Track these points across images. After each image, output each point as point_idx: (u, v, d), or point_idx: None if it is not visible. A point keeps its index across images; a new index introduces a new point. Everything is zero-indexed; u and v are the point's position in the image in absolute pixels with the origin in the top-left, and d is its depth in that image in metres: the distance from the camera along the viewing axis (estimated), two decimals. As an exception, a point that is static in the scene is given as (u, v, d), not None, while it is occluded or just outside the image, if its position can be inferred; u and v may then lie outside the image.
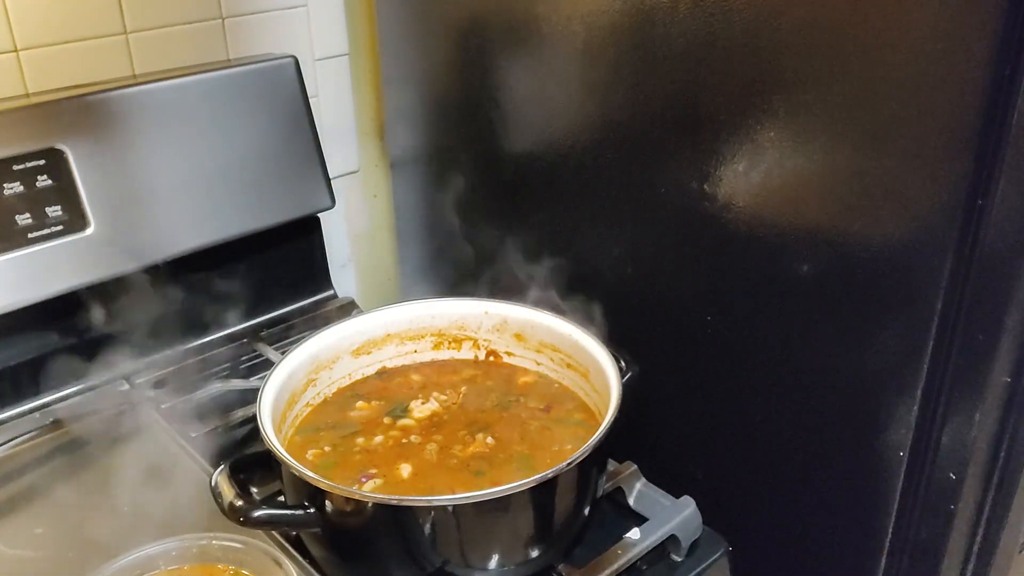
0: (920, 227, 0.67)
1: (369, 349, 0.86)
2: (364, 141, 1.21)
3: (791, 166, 0.73)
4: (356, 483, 0.72)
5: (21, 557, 0.73)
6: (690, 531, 0.77)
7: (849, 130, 0.69)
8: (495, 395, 0.83)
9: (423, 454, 0.75)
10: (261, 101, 0.99)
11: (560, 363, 0.84)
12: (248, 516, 0.64)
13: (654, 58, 0.80)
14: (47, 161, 0.86)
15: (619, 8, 0.81)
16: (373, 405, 0.82)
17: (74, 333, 0.92)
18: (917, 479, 0.75)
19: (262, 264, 1.05)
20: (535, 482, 0.64)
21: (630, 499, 0.81)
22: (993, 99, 0.61)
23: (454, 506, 0.64)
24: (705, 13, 0.75)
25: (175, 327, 1.00)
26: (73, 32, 0.92)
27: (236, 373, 1.01)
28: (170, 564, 0.67)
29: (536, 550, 0.69)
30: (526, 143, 0.97)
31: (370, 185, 1.24)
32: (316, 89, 1.12)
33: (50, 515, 0.77)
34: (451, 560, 0.66)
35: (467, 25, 0.99)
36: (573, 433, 0.77)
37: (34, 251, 0.86)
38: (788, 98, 0.72)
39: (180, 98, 0.94)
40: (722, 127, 0.77)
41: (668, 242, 0.85)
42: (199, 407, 0.94)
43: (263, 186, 1.00)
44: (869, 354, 0.73)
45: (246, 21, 1.04)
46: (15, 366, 0.89)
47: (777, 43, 0.71)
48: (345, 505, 0.65)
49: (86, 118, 0.88)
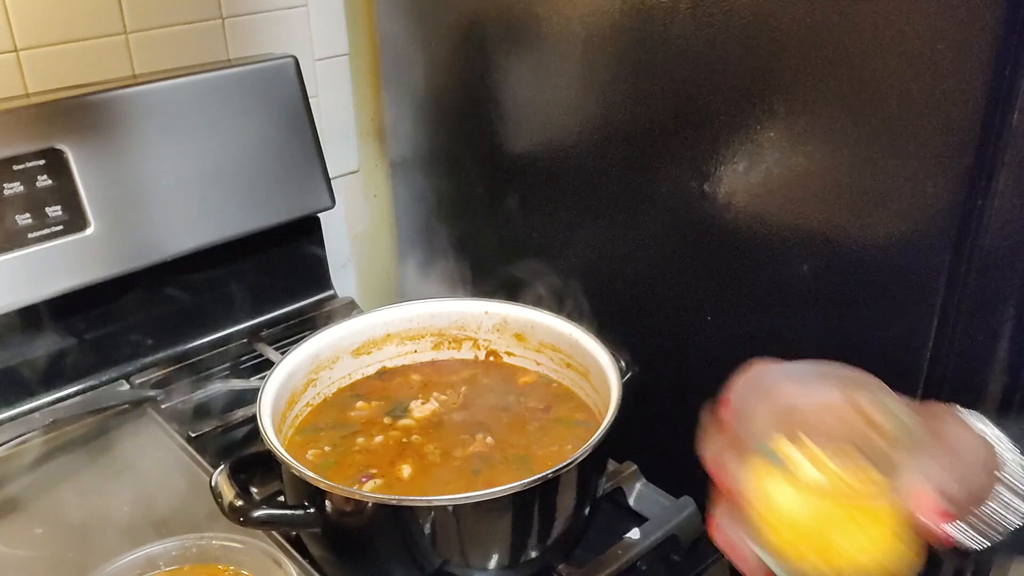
0: (920, 227, 0.67)
1: (369, 349, 0.86)
2: (364, 141, 1.21)
3: (791, 166, 0.73)
4: (356, 483, 0.72)
5: (21, 557, 0.73)
6: (690, 531, 0.77)
7: (849, 130, 0.69)
8: (495, 395, 0.83)
9: (423, 454, 0.75)
10: (261, 101, 0.99)
11: (560, 363, 0.84)
12: (248, 516, 0.64)
13: (654, 58, 0.80)
14: (47, 161, 0.86)
15: (619, 8, 0.81)
16: (373, 405, 0.82)
17: (74, 333, 0.92)
18: (917, 479, 0.75)
19: (262, 264, 1.05)
20: (535, 482, 0.64)
21: (630, 499, 0.81)
22: (993, 99, 0.61)
23: (454, 506, 0.64)
24: (705, 13, 0.75)
25: (175, 327, 1.00)
26: (73, 32, 0.92)
27: (236, 373, 1.01)
28: (170, 564, 0.67)
29: (536, 550, 0.69)
30: (526, 143, 0.97)
31: (370, 185, 1.24)
32: (316, 89, 1.12)
33: (50, 515, 0.77)
34: (451, 560, 0.66)
35: (467, 25, 0.99)
36: (573, 433, 0.77)
37: (34, 251, 0.86)
38: (788, 98, 0.72)
39: (180, 98, 0.94)
40: (722, 127, 0.77)
41: (668, 242, 0.85)
42: (199, 407, 0.94)
43: (263, 186, 1.00)
44: (869, 353, 0.73)
45: (246, 21, 1.04)
46: (15, 366, 0.89)
47: (777, 43, 0.71)
48: (345, 505, 0.65)
49: (86, 118, 0.88)
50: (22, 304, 0.86)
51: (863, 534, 0.46)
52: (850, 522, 0.46)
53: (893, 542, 0.46)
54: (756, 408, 0.50)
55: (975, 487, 0.48)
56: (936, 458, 0.47)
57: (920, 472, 0.46)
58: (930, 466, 0.46)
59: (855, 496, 0.46)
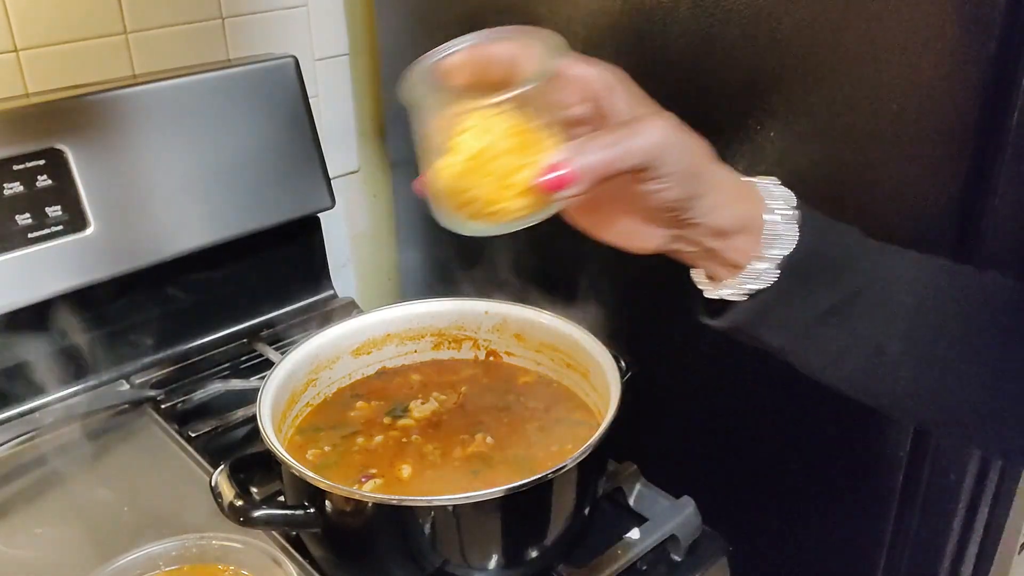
0: (920, 227, 0.67)
1: (369, 349, 0.86)
2: (364, 141, 1.21)
3: (791, 166, 0.73)
4: (356, 483, 0.72)
5: (21, 557, 0.73)
6: (690, 531, 0.77)
7: (849, 130, 0.69)
8: (495, 395, 0.83)
9: (423, 454, 0.75)
10: (261, 101, 0.99)
11: (560, 363, 0.83)
12: (248, 516, 0.64)
13: (654, 58, 0.80)
14: (47, 161, 0.86)
15: (619, 8, 0.81)
16: (373, 405, 0.82)
17: (74, 333, 0.92)
18: (917, 479, 0.75)
19: (262, 264, 1.05)
20: (535, 482, 0.64)
21: (630, 499, 0.81)
22: (993, 99, 0.61)
23: (454, 506, 0.64)
24: (705, 13, 0.75)
25: (175, 327, 1.00)
26: (73, 32, 0.92)
27: (236, 373, 1.01)
28: (170, 564, 0.67)
29: (536, 550, 0.69)
30: (526, 143, 0.96)
31: (370, 185, 1.24)
32: (316, 89, 1.12)
33: (50, 515, 0.77)
34: (451, 560, 0.66)
35: (467, 25, 0.98)
36: (573, 433, 0.77)
37: (34, 251, 0.86)
38: (788, 98, 0.72)
39: (180, 98, 0.94)
40: (722, 127, 0.76)
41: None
42: (199, 407, 0.94)
43: (263, 186, 1.00)
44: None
45: (246, 21, 1.04)
46: (15, 366, 0.89)
47: (777, 43, 0.71)
48: (345, 505, 0.65)
49: (86, 118, 0.88)
50: (22, 304, 0.86)
51: (498, 183, 0.51)
52: (487, 174, 0.51)
53: (514, 189, 0.51)
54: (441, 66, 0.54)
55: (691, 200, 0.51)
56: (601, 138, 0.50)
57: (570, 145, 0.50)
58: (590, 141, 0.50)
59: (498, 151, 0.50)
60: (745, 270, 0.53)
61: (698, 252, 0.55)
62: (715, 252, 0.54)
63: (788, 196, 0.54)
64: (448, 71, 0.53)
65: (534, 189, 0.50)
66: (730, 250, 0.53)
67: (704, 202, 0.52)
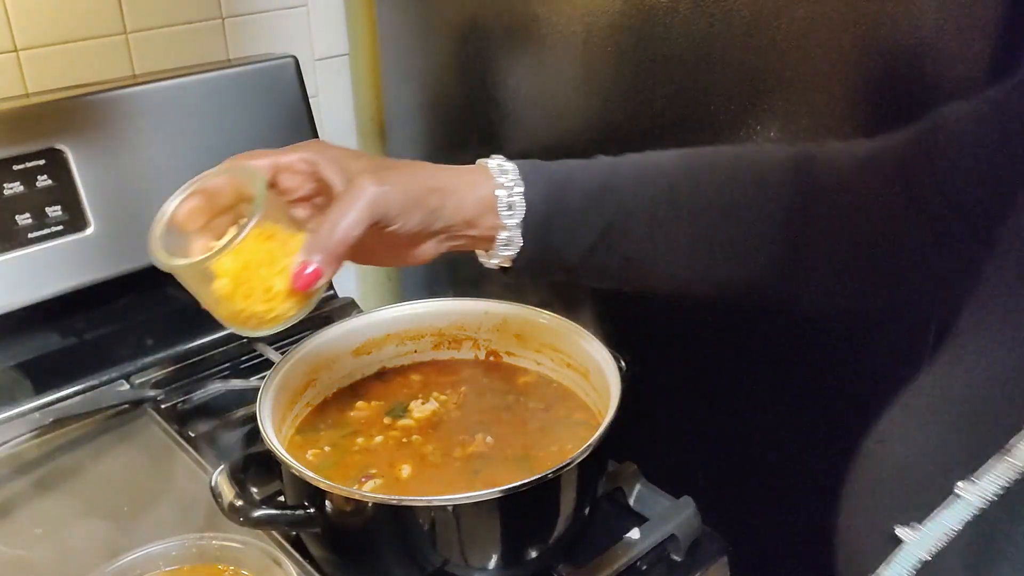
0: (920, 227, 0.67)
1: (369, 349, 0.86)
2: (364, 141, 1.21)
3: (791, 166, 0.73)
4: (356, 483, 0.72)
5: (21, 557, 0.73)
6: (690, 531, 0.77)
7: (849, 130, 0.69)
8: (495, 395, 0.83)
9: (423, 454, 0.75)
10: (261, 101, 0.99)
11: (560, 363, 0.84)
12: (248, 516, 0.64)
13: (654, 58, 0.80)
14: (47, 161, 0.86)
15: (619, 8, 0.81)
16: (373, 405, 0.82)
17: (74, 333, 0.92)
18: (917, 479, 0.75)
19: (262, 264, 1.05)
20: (535, 482, 0.64)
21: (630, 499, 0.81)
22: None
23: (454, 506, 0.64)
24: (705, 13, 0.75)
25: (175, 327, 1.00)
26: (73, 32, 0.92)
27: (236, 373, 1.01)
28: (170, 564, 0.67)
29: (536, 550, 0.69)
30: (526, 143, 0.96)
31: (370, 185, 1.24)
32: (316, 89, 1.12)
33: (50, 515, 0.77)
34: (451, 560, 0.66)
35: (467, 25, 0.99)
36: (573, 433, 0.77)
37: (34, 251, 0.86)
38: (788, 98, 0.72)
39: (180, 98, 0.94)
40: (722, 127, 0.77)
41: (668, 242, 0.85)
42: (199, 407, 0.94)
43: (263, 186, 1.00)
44: (869, 354, 0.73)
45: (246, 21, 1.04)
46: (15, 366, 0.89)
47: (777, 43, 0.71)
48: (345, 505, 0.65)
49: (86, 118, 0.88)
50: (22, 304, 0.86)
51: (263, 296, 0.55)
52: (251, 292, 0.55)
53: (280, 295, 0.56)
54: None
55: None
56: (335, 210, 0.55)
57: (309, 240, 0.55)
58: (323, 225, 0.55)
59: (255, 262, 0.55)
60: (496, 240, 0.61)
61: (465, 243, 0.62)
62: (474, 237, 0.61)
63: (514, 169, 0.61)
64: (184, 220, 0.57)
65: (294, 291, 0.55)
66: (483, 229, 0.61)
67: (445, 210, 0.58)
